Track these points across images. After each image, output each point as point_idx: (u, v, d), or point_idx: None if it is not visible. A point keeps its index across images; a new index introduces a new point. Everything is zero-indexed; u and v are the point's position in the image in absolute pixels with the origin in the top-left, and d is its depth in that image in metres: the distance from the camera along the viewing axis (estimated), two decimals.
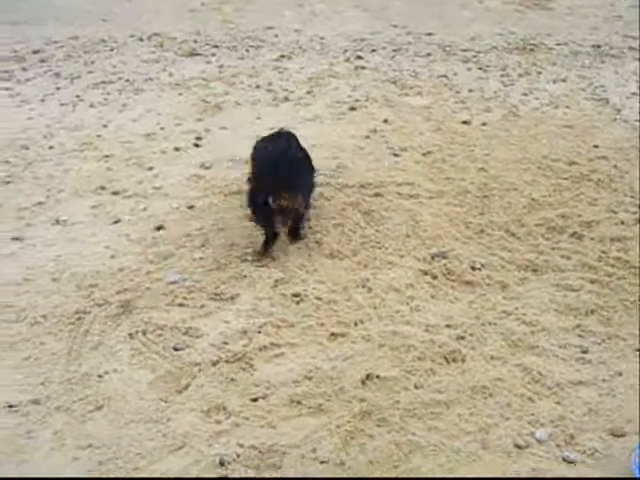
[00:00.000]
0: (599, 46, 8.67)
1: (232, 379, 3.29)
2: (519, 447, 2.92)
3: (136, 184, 5.20)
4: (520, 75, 7.64)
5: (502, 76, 7.61)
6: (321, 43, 8.87)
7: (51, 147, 5.84)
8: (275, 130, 4.78)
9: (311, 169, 4.55)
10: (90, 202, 4.95)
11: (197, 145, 5.89)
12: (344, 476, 2.78)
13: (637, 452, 2.83)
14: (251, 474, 2.79)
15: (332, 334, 3.59)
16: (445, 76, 7.60)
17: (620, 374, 3.32)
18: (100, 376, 3.32)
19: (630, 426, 3.01)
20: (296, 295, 3.90)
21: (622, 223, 4.59)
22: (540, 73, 7.71)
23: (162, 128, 6.23)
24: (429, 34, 9.20)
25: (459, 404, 3.13)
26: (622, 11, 10.02)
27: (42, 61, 8.16)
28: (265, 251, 4.35)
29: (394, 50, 8.54)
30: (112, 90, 7.22)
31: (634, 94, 6.98)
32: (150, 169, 5.45)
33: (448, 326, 3.64)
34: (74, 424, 3.05)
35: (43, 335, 3.60)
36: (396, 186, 5.06)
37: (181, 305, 3.84)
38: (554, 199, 4.89)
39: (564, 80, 7.46)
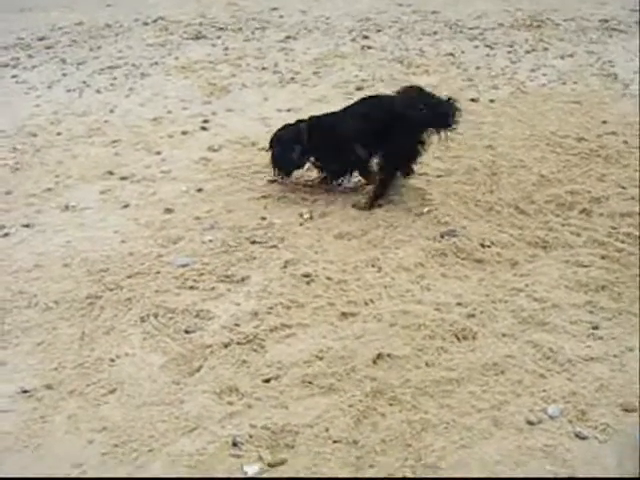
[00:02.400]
0: (606, 21, 8.62)
1: (244, 360, 3.29)
2: (531, 423, 2.91)
3: (144, 168, 5.21)
4: (527, 52, 7.61)
5: (509, 53, 7.58)
6: (326, 23, 8.84)
7: (59, 133, 5.87)
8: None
9: None
10: (99, 187, 4.96)
11: (204, 128, 5.90)
12: (357, 455, 2.79)
13: None
14: (264, 454, 2.81)
15: (343, 314, 3.60)
16: (452, 54, 7.58)
17: (631, 349, 3.30)
18: (113, 360, 3.33)
19: None
20: (306, 275, 3.90)
21: (632, 198, 4.58)
22: (547, 49, 7.68)
23: (169, 112, 6.24)
24: (435, 12, 9.16)
25: (470, 382, 3.13)
26: None
27: (48, 47, 8.19)
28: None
29: (400, 29, 8.51)
30: (118, 75, 7.24)
31: None
32: (158, 153, 5.46)
33: (458, 304, 3.64)
34: (88, 408, 3.07)
35: (55, 320, 3.61)
36: None
37: (191, 288, 3.85)
38: (563, 175, 4.87)
39: (572, 56, 7.43)
